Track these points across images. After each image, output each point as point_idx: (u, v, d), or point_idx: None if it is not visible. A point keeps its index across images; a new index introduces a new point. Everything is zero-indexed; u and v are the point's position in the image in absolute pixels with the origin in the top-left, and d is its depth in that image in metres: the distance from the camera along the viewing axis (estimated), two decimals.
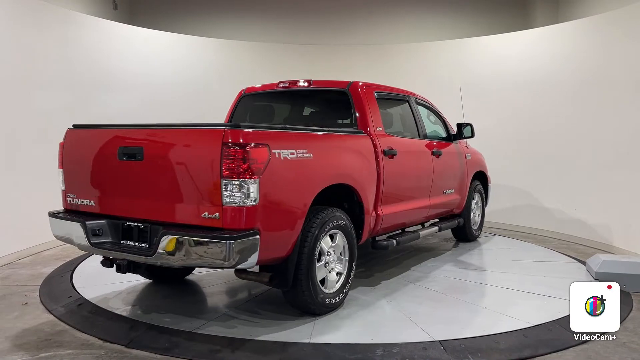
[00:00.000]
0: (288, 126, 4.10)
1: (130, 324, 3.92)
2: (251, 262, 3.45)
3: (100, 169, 3.96)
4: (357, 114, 4.82)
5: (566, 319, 4.09)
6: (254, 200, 3.37)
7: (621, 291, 4.77)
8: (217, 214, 3.37)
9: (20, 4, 6.54)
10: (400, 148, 5.06)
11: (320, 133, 4.32)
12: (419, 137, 5.73)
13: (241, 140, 3.36)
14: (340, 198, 4.46)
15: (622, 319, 4.21)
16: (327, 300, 4.06)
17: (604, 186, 7.13)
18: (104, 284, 5.00)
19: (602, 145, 7.22)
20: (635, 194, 6.57)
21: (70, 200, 4.12)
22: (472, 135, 6.43)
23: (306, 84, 5.23)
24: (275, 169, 3.53)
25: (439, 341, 3.66)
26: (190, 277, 5.25)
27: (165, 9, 10.70)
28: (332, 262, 4.18)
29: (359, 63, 9.73)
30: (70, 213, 4.12)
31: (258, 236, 3.40)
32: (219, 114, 6.44)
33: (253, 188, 3.36)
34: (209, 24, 10.67)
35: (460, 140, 6.67)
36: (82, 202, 4.05)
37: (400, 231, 5.47)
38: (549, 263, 6.10)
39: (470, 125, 6.40)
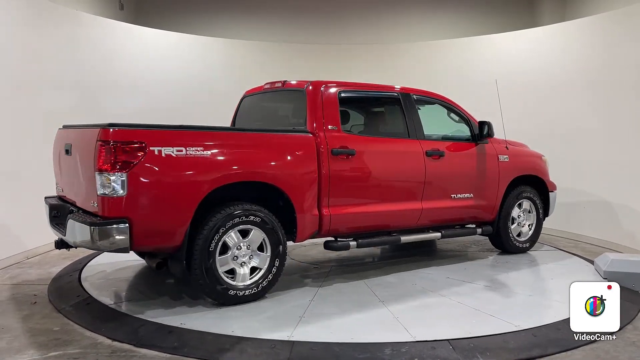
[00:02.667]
0: (184, 125, 4.29)
1: (139, 323, 3.93)
2: (121, 246, 3.80)
3: (59, 162, 4.80)
4: (307, 113, 4.86)
5: None
6: (123, 192, 3.75)
7: (630, 290, 4.81)
8: (96, 203, 3.86)
9: (27, 4, 6.57)
10: (362, 147, 4.96)
11: (235, 132, 4.59)
12: (409, 136, 5.41)
13: (109, 138, 3.77)
14: (276, 196, 4.56)
15: (631, 318, 4.21)
16: (233, 292, 4.26)
17: (612, 184, 7.10)
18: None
19: (610, 143, 7.18)
20: None
21: (56, 188, 5.03)
22: (490, 135, 5.87)
23: (280, 85, 5.38)
24: (153, 164, 3.86)
25: (448, 340, 3.65)
26: None
27: (171, 9, 10.71)
28: (243, 257, 4.34)
29: (364, 62, 9.71)
30: (54, 198, 4.92)
31: (127, 224, 3.77)
32: (224, 113, 6.45)
33: (121, 181, 3.74)
34: (215, 23, 10.68)
35: (497, 140, 6.13)
36: (59, 189, 4.96)
37: (389, 234, 5.35)
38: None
39: (487, 123, 5.83)
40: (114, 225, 3.75)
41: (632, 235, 6.77)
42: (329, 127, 4.84)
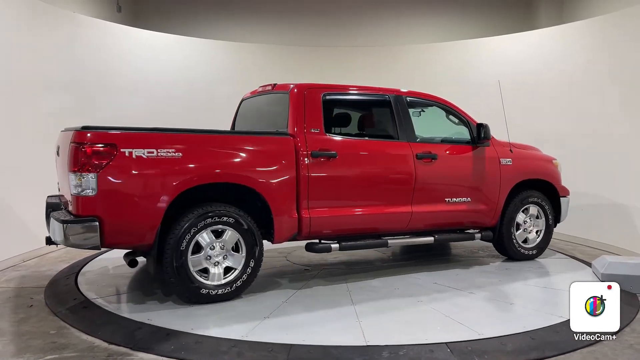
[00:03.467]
0: (159, 127, 4.38)
1: (136, 326, 3.91)
2: (92, 243, 3.94)
3: (55, 162, 4.92)
4: (289, 116, 4.90)
5: None
6: (93, 192, 3.89)
7: (628, 293, 4.81)
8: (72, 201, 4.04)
9: (25, 6, 6.57)
10: (344, 150, 4.95)
11: (209, 134, 4.54)
12: (399, 139, 5.34)
13: (80, 140, 3.94)
14: (254, 197, 4.59)
15: (629, 321, 4.21)
16: (205, 291, 4.34)
17: (610, 186, 7.11)
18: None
19: (607, 145, 7.19)
20: None
21: (58, 187, 5.08)
22: (486, 137, 5.69)
23: (270, 88, 5.43)
24: (123, 165, 4.00)
25: (446, 343, 3.64)
26: None
27: (168, 11, 10.70)
28: (217, 256, 4.41)
29: (364, 64, 9.74)
30: (55, 197, 4.97)
31: (96, 223, 3.91)
32: (224, 115, 6.45)
33: (90, 181, 3.89)
34: (213, 26, 10.67)
35: (500, 143, 6.01)
36: (58, 188, 5.05)
37: (378, 237, 5.29)
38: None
39: (484, 125, 5.67)
40: (84, 224, 3.92)
41: (630, 237, 6.77)
42: (311, 129, 4.85)
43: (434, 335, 3.78)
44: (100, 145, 3.96)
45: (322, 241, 5.01)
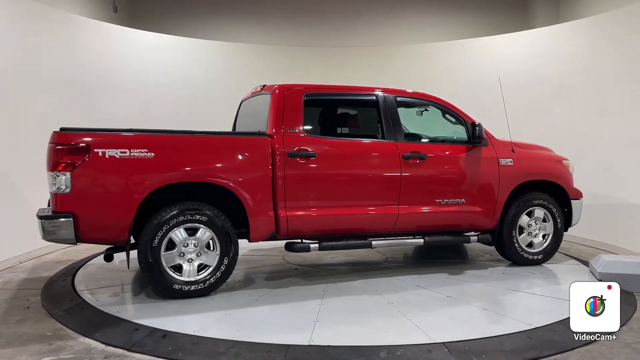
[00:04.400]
0: (134, 129, 4.54)
1: (133, 327, 3.90)
2: (66, 237, 4.17)
3: None
4: (269, 116, 4.95)
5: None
6: (68, 190, 4.11)
7: (625, 292, 4.82)
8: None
9: (21, 7, 6.55)
10: (324, 150, 4.94)
11: (182, 135, 4.63)
12: (385, 139, 5.25)
13: (57, 141, 4.16)
14: (230, 196, 4.66)
15: (627, 320, 4.21)
16: (178, 287, 4.48)
17: (607, 186, 7.12)
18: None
19: (604, 144, 7.21)
20: (638, 194, 6.55)
21: None
22: (479, 137, 5.49)
23: (259, 89, 5.46)
24: (97, 165, 4.20)
25: (443, 343, 3.64)
26: None
27: (164, 12, 10.69)
28: (190, 253, 4.54)
29: (361, 64, 9.76)
30: None
31: (71, 218, 4.13)
32: (221, 115, 6.45)
33: (65, 180, 4.12)
34: (209, 26, 10.66)
35: (501, 142, 5.78)
36: None
37: (364, 238, 5.22)
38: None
39: (476, 125, 5.48)
40: (59, 219, 4.15)
41: (626, 237, 6.78)
42: (289, 129, 4.88)
43: (387, 338, 3.72)
44: (74, 145, 4.17)
45: (303, 241, 5.03)
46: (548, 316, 4.20)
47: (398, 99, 5.48)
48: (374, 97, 5.40)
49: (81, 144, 4.18)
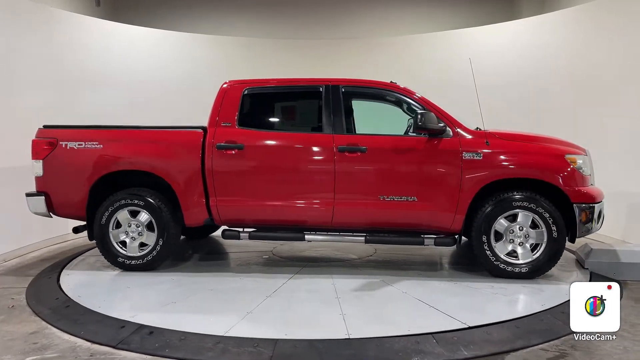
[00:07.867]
0: (92, 125, 5.58)
1: (119, 325, 3.86)
2: (42, 211, 5.32)
3: None
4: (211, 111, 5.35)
5: (557, 308, 4.13)
6: (41, 174, 5.25)
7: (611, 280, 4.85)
8: None
9: (1, 1, 6.41)
10: (252, 142, 5.12)
11: (128, 129, 5.46)
12: (323, 131, 5.12)
13: (37, 135, 5.32)
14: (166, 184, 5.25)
15: None
16: (122, 260, 5.27)
17: (596, 178, 7.15)
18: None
19: (591, 135, 7.23)
20: (626, 186, 6.59)
21: None
22: (422, 127, 4.82)
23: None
24: (60, 155, 5.23)
25: (431, 334, 3.64)
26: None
27: (148, 5, 10.57)
28: (133, 232, 5.28)
29: (344, 57, 9.72)
30: None
31: (43, 197, 5.26)
32: (206, 109, 6.37)
33: (38, 166, 5.25)
34: (193, 19, 10.56)
35: (474, 133, 5.06)
36: None
37: (301, 230, 5.22)
38: None
39: (420, 114, 4.83)
40: (35, 197, 5.29)
41: (614, 227, 6.82)
42: (222, 123, 5.24)
43: (299, 331, 3.70)
44: (46, 139, 5.25)
45: (231, 228, 5.41)
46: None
47: (343, 89, 5.26)
48: (318, 89, 5.30)
49: (50, 138, 5.24)
